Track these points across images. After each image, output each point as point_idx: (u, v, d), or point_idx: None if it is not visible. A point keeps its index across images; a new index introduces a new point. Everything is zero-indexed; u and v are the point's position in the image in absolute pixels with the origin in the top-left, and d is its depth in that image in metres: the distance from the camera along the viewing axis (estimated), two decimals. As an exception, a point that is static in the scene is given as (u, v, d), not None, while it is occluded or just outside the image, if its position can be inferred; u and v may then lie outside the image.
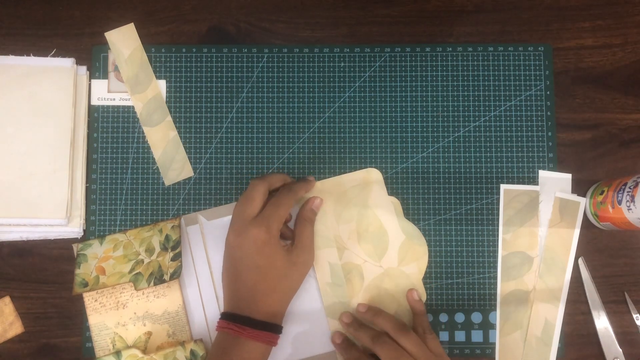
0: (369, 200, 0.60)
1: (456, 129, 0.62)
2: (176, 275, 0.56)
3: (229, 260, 0.54)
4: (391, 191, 0.61)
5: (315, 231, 0.59)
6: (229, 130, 0.62)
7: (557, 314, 0.59)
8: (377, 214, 0.59)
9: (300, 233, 0.56)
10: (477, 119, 0.62)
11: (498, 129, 0.62)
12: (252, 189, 0.54)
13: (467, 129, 0.62)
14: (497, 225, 0.60)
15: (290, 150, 0.62)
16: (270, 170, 0.61)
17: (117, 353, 0.56)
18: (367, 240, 0.59)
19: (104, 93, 0.62)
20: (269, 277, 0.53)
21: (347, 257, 0.59)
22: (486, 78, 0.62)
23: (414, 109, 0.62)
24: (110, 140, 0.62)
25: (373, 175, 0.60)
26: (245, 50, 0.63)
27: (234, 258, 0.53)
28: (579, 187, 0.61)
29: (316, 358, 0.58)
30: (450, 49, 0.63)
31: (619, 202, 0.55)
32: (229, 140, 0.62)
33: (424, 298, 0.59)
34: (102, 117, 0.62)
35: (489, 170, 0.61)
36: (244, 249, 0.52)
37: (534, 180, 0.61)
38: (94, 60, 0.62)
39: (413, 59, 0.63)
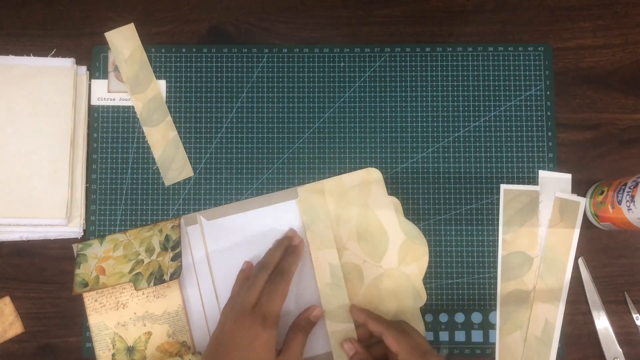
0: (369, 200, 0.60)
1: (456, 129, 0.62)
2: (176, 275, 0.56)
3: (220, 343, 0.51)
4: (391, 191, 0.60)
5: (315, 231, 0.59)
6: (229, 130, 0.62)
7: (557, 314, 0.59)
8: (376, 213, 0.59)
9: (291, 340, 0.53)
10: (477, 119, 0.62)
11: (498, 129, 0.62)
12: (257, 278, 0.53)
13: (467, 129, 0.62)
14: (497, 225, 0.60)
15: (290, 150, 0.62)
16: (269, 171, 0.61)
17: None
18: (366, 240, 0.59)
19: (104, 93, 0.62)
20: None
21: (347, 258, 0.59)
22: (486, 78, 0.62)
23: (414, 109, 0.62)
24: (110, 140, 0.62)
25: (373, 175, 0.60)
26: (245, 50, 0.63)
27: (229, 345, 0.50)
28: (579, 187, 0.61)
29: (316, 358, 0.58)
30: (450, 49, 0.63)
31: (619, 202, 0.55)
32: (229, 140, 0.62)
33: (424, 298, 0.59)
34: (102, 117, 0.62)
35: (489, 170, 0.61)
36: (237, 340, 0.50)
37: (534, 180, 0.61)
38: (94, 60, 0.62)
39: (413, 59, 0.63)
